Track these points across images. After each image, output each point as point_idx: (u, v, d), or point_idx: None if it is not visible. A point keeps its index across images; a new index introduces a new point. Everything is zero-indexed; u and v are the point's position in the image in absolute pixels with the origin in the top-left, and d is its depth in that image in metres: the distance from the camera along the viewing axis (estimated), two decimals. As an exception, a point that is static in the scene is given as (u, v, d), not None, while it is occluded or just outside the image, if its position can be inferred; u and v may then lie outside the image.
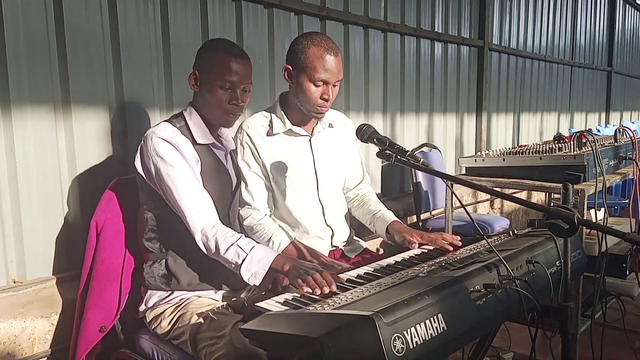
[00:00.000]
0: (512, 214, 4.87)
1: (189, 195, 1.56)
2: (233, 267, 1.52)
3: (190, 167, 1.59)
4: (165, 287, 1.65)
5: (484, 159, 2.46)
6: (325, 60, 1.74)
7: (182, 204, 1.55)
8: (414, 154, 1.48)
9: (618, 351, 2.55)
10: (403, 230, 1.86)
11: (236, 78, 1.60)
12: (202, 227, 1.55)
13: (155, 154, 1.57)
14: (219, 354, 1.43)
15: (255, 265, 1.49)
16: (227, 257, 1.52)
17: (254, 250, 1.51)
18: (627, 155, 2.52)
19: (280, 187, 1.91)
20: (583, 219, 1.17)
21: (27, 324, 1.77)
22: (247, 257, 1.49)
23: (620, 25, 7.91)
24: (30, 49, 1.78)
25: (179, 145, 1.58)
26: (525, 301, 1.30)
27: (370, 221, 2.00)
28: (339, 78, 1.78)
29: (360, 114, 3.25)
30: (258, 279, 1.49)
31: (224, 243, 1.52)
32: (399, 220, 1.95)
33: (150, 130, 1.61)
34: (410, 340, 1.01)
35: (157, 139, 1.58)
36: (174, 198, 1.56)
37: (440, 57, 3.96)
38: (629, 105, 8.73)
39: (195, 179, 1.59)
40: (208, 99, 1.63)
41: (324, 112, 1.83)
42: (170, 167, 1.56)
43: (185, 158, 1.59)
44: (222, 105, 1.62)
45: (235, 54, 1.62)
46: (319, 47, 1.74)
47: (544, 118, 5.72)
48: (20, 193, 1.80)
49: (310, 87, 1.76)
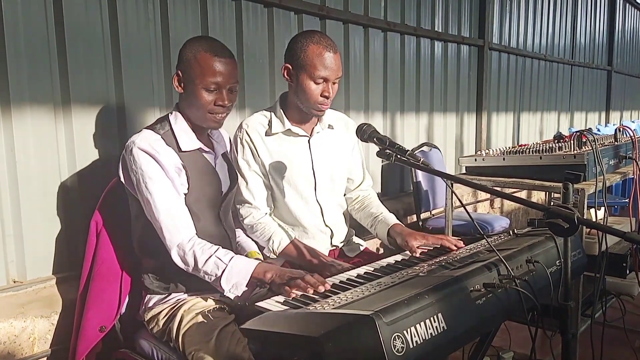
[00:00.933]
0: (512, 213, 4.86)
1: (166, 209, 1.52)
2: (213, 279, 1.48)
3: (170, 179, 1.55)
4: (163, 291, 1.64)
5: (484, 159, 2.46)
6: (325, 58, 1.74)
7: (159, 217, 1.52)
8: (414, 153, 1.48)
9: (618, 350, 2.55)
10: (405, 233, 1.84)
11: (221, 79, 1.54)
12: (178, 242, 1.51)
13: (135, 164, 1.54)
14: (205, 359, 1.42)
15: (235, 275, 1.46)
16: (205, 269, 1.48)
17: (234, 261, 1.48)
18: (627, 155, 2.52)
19: (279, 186, 1.91)
20: (583, 218, 1.17)
21: (27, 323, 1.77)
22: (226, 268, 1.46)
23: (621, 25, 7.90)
24: (30, 49, 1.78)
25: (158, 155, 1.53)
26: (525, 300, 1.30)
27: (372, 224, 1.99)
28: (338, 75, 1.79)
29: (360, 113, 3.25)
30: (239, 290, 1.46)
31: (201, 255, 1.49)
32: (400, 223, 1.93)
33: (131, 139, 1.57)
34: (410, 340, 1.01)
35: (136, 150, 1.53)
36: (151, 211, 1.53)
37: (440, 56, 3.95)
38: (629, 104, 8.72)
39: (174, 192, 1.55)
40: (193, 101, 1.57)
41: (324, 109, 1.83)
42: (149, 179, 1.52)
43: (165, 170, 1.54)
44: (207, 107, 1.56)
45: (218, 54, 1.54)
46: (318, 44, 1.74)
47: (544, 117, 5.72)
48: (20, 193, 1.80)
49: (311, 85, 1.76)
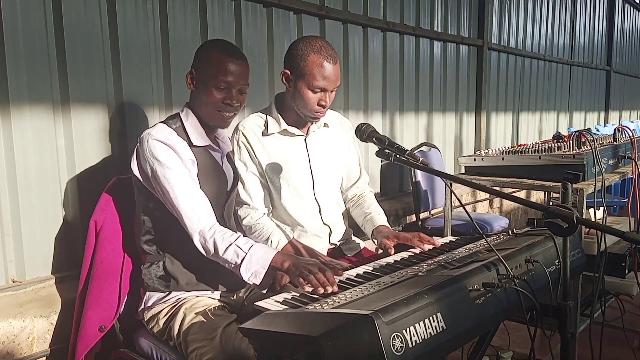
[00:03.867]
0: (511, 213, 4.87)
1: (186, 197, 1.55)
2: (232, 267, 1.51)
3: (187, 169, 1.58)
4: (164, 288, 1.65)
5: (483, 158, 2.46)
6: (324, 69, 1.74)
7: (180, 206, 1.54)
8: (413, 153, 1.48)
9: (617, 350, 2.56)
10: (384, 232, 1.86)
11: (232, 78, 1.59)
12: (199, 229, 1.54)
13: (151, 156, 1.56)
14: (208, 356, 1.43)
15: (255, 264, 1.48)
16: (226, 257, 1.50)
17: (253, 249, 1.50)
18: (626, 155, 2.52)
19: (276, 187, 1.91)
20: (582, 218, 1.18)
21: (26, 323, 1.76)
22: (246, 257, 1.48)
23: (619, 25, 7.91)
24: (29, 49, 1.78)
25: (175, 146, 1.57)
26: (524, 300, 1.30)
27: (362, 223, 2.01)
28: (336, 85, 1.80)
29: (360, 113, 3.25)
30: (258, 278, 1.49)
31: (222, 243, 1.51)
32: (385, 225, 1.94)
33: (146, 132, 1.60)
34: (410, 339, 1.01)
35: (153, 141, 1.56)
36: (170, 200, 1.55)
37: (439, 56, 3.96)
38: (628, 104, 8.73)
39: (192, 180, 1.59)
40: (203, 98, 1.62)
41: (320, 117, 1.85)
42: (167, 169, 1.55)
43: (182, 159, 1.58)
44: (216, 105, 1.61)
45: (232, 55, 1.61)
46: (318, 54, 1.74)
47: (543, 117, 5.72)
48: (19, 193, 1.80)
49: (308, 94, 1.77)
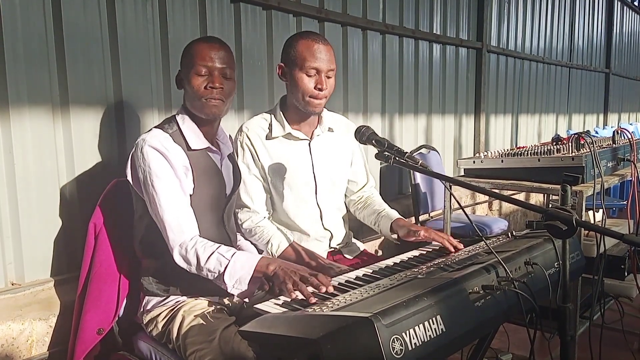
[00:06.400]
0: (510, 215, 4.87)
1: (171, 208, 1.53)
2: (215, 276, 1.49)
3: (178, 179, 1.56)
4: (162, 292, 1.64)
5: (483, 161, 2.47)
6: (315, 49, 1.75)
7: (164, 216, 1.52)
8: (413, 155, 1.48)
9: (616, 352, 2.55)
10: (408, 225, 1.86)
11: (211, 63, 1.57)
12: (181, 242, 1.52)
13: (143, 162, 1.55)
14: (207, 359, 1.42)
15: (239, 270, 1.46)
16: (208, 266, 1.48)
17: (236, 256, 1.48)
18: (625, 157, 2.52)
19: (278, 190, 1.91)
20: (581, 220, 1.18)
21: (25, 326, 1.76)
22: (229, 263, 1.46)
23: (618, 27, 7.92)
24: (28, 49, 1.78)
25: (168, 153, 1.55)
26: (523, 302, 1.30)
27: (375, 221, 1.99)
28: (330, 67, 1.78)
29: (359, 116, 3.25)
30: (244, 284, 1.46)
31: (204, 253, 1.49)
32: (403, 218, 1.94)
33: (141, 137, 1.59)
34: (409, 342, 1.01)
35: (147, 147, 1.55)
36: (156, 209, 1.54)
37: (438, 58, 3.96)
38: (626, 106, 8.73)
39: (180, 191, 1.56)
40: (189, 91, 1.60)
41: (319, 104, 1.81)
42: (156, 178, 1.53)
43: (173, 168, 1.56)
44: (202, 94, 1.58)
45: (209, 41, 1.62)
46: (307, 38, 1.77)
47: (542, 119, 5.73)
48: (18, 194, 1.79)
49: (303, 78, 1.76)
